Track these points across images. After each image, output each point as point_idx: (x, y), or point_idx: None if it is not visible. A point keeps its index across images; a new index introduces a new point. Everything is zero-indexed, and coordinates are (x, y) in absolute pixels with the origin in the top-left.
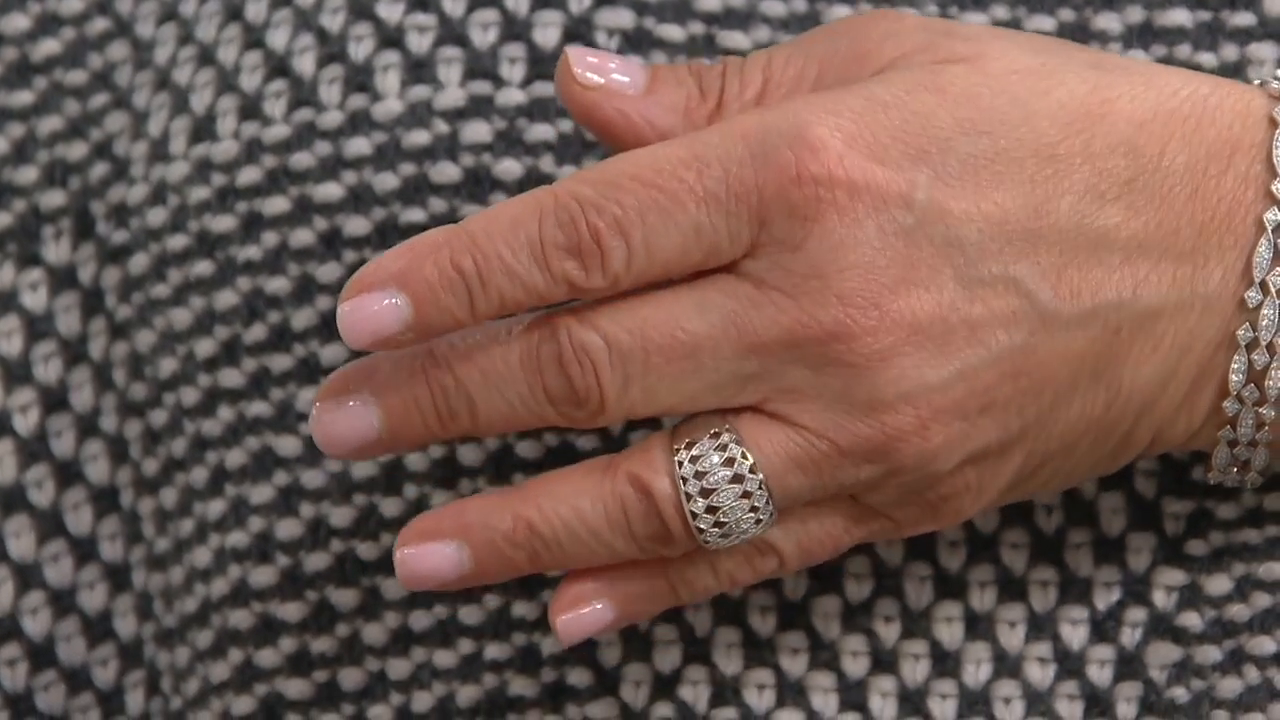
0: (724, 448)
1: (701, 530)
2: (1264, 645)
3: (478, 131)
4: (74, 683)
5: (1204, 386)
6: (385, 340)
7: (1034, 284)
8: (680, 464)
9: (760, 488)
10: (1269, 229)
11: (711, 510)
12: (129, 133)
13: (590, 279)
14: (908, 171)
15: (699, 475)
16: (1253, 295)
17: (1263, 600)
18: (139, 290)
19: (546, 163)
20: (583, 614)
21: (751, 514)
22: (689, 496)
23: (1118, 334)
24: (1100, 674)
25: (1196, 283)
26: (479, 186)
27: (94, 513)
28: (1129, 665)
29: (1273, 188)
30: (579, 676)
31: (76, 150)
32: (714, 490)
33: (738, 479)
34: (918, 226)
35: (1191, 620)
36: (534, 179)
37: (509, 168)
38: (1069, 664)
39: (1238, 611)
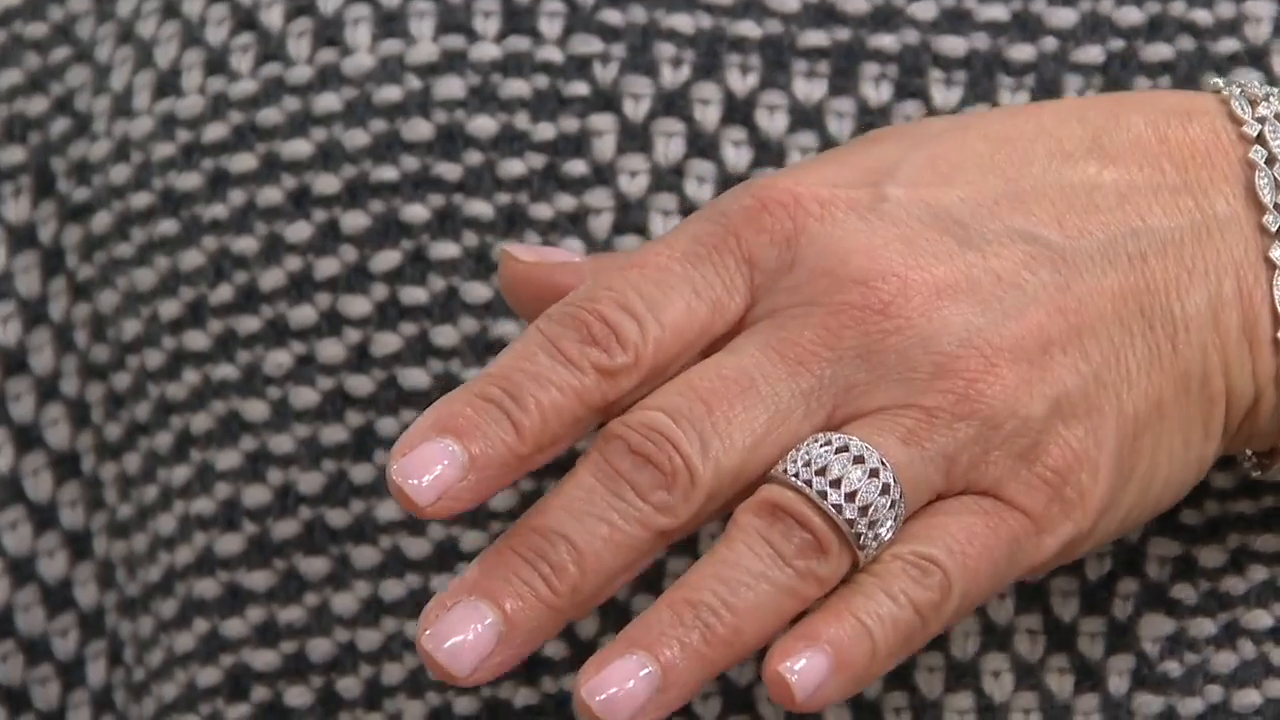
0: (827, 442)
1: (838, 507)
2: (1260, 619)
3: (451, 87)
4: (33, 653)
5: (1258, 316)
6: (452, 492)
7: (1039, 230)
8: (788, 471)
9: (876, 458)
10: (1260, 163)
11: (835, 484)
12: (91, 87)
13: (614, 357)
14: (867, 185)
15: (808, 465)
16: (1271, 219)
17: (1259, 573)
18: (101, 250)
19: (521, 119)
20: (801, 668)
21: (884, 495)
22: (809, 484)
23: (1145, 262)
24: (1091, 646)
25: (1204, 209)
26: (452, 144)
27: (54, 478)
28: (1121, 637)
29: (1244, 130)
30: (555, 648)
31: (36, 105)
32: (828, 466)
33: (843, 449)
34: (899, 210)
35: (1185, 592)
36: (508, 136)
37: (483, 124)
38: (1059, 636)
39: (1232, 584)
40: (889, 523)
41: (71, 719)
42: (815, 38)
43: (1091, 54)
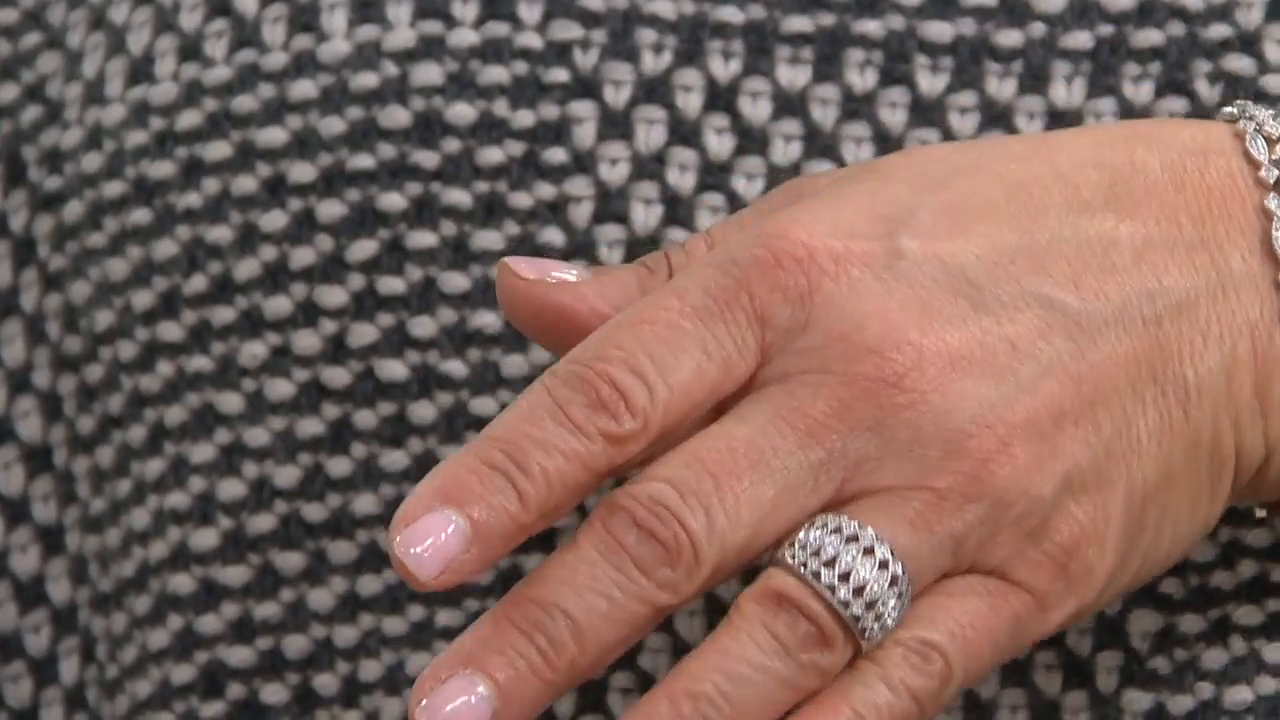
0: (825, 524)
1: (846, 604)
2: (1251, 615)
3: (428, 74)
4: (5, 650)
5: (1272, 378)
6: (455, 565)
7: (1055, 294)
8: (793, 559)
9: (886, 550)
10: (1276, 212)
11: (845, 577)
12: (62, 74)
13: (623, 424)
14: (882, 237)
15: (816, 554)
16: None
17: (1249, 568)
18: (73, 239)
19: (500, 107)
20: None
21: (888, 580)
22: (816, 575)
23: (1160, 326)
24: (1079, 642)
25: (1220, 266)
26: (429, 131)
27: (26, 472)
28: (1109, 634)
29: (1261, 175)
30: None
31: (7, 92)
32: (836, 558)
33: (852, 539)
34: (915, 270)
35: (1173, 587)
36: (487, 124)
37: (461, 112)
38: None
39: (1222, 579)
40: (895, 613)
41: (44, 717)
42: (799, 23)
43: (1080, 39)
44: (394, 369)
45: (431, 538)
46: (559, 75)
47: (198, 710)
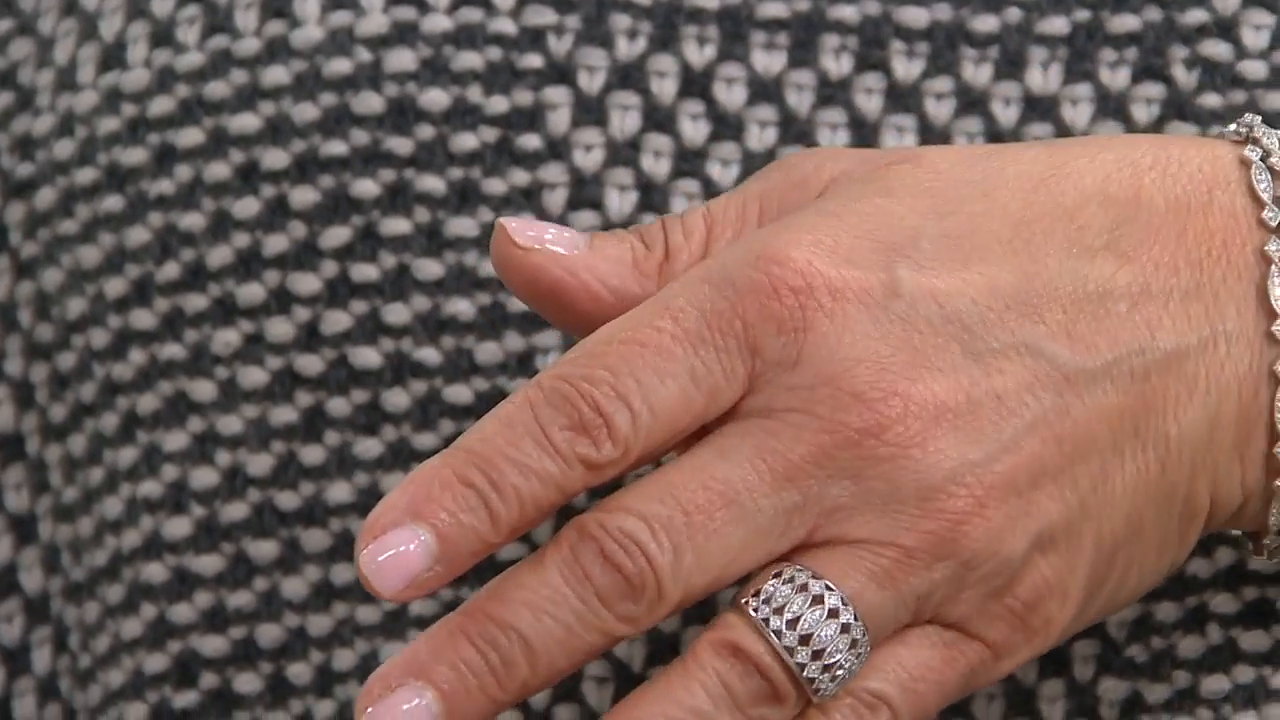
0: (792, 579)
1: (803, 666)
2: (1228, 603)
3: (402, 59)
4: None
5: (1251, 431)
6: (417, 582)
7: (1046, 345)
8: (755, 610)
9: (844, 603)
10: (1275, 259)
11: (805, 640)
12: (34, 61)
13: (603, 451)
14: (882, 266)
15: (779, 611)
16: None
17: (1225, 557)
18: (45, 226)
19: (474, 92)
20: None
21: (845, 636)
22: (778, 634)
23: (1147, 381)
24: None
25: (1214, 319)
26: (403, 117)
27: None
28: None
29: (1263, 217)
30: None
31: None
32: (799, 618)
33: (817, 600)
34: (910, 311)
35: None
36: (461, 110)
37: (435, 98)
38: None
39: (1199, 568)
40: (850, 673)
41: (16, 707)
42: (774, 9)
43: (1056, 25)
44: (367, 356)
45: (397, 552)
46: (533, 61)
47: (171, 700)
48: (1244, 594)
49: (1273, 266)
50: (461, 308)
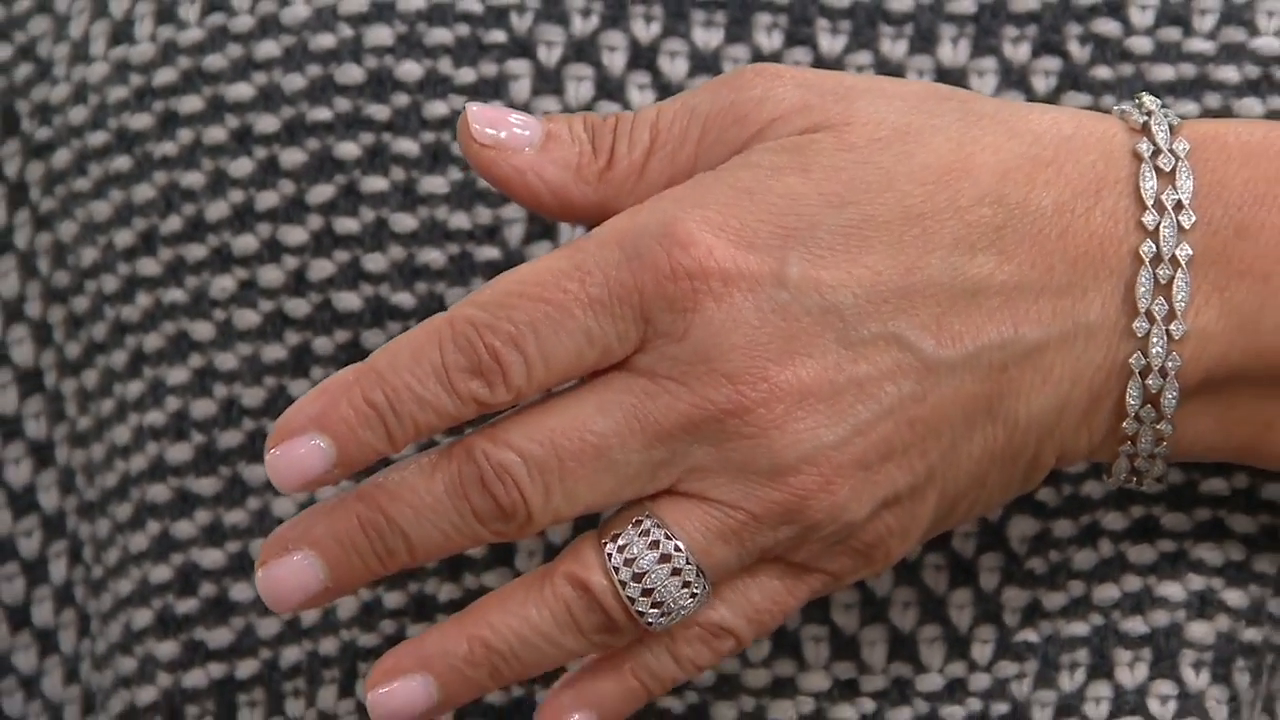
0: (647, 533)
1: (642, 613)
2: (1117, 520)
3: (380, 35)
4: (0, 553)
5: (1099, 409)
6: (314, 481)
7: (914, 336)
8: (610, 556)
9: (688, 563)
10: (1146, 260)
11: (647, 593)
12: (51, 35)
13: (495, 395)
14: (777, 252)
15: (629, 563)
16: (1140, 324)
17: None
18: (61, 184)
19: (445, 64)
20: None
21: (685, 590)
22: (623, 584)
23: (1005, 371)
24: (964, 545)
25: (1077, 313)
26: (381, 87)
27: (19, 392)
28: (991, 537)
29: (1143, 220)
30: (476, 550)
31: (1, 52)
32: (645, 573)
33: (665, 558)
34: (793, 300)
35: (1049, 495)
36: (433, 80)
37: (409, 69)
38: (936, 536)
39: (1091, 489)
40: (679, 606)
41: (35, 613)
42: None
43: (964, 5)
44: (349, 300)
45: (299, 457)
46: (497, 37)
47: (174, 606)
48: (1132, 512)
49: (1143, 266)
50: (433, 257)
